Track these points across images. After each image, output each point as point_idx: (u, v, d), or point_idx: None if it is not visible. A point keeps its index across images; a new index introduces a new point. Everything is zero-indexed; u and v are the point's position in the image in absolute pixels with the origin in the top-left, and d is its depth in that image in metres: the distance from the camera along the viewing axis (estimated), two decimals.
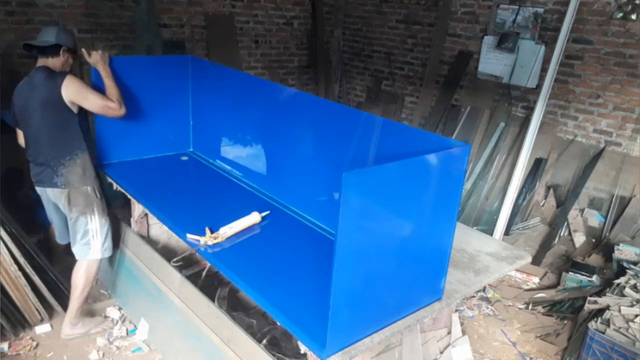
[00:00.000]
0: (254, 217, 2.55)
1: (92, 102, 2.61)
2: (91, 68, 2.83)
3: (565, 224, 4.16)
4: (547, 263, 3.95)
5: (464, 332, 2.90)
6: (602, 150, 4.15)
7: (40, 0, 4.13)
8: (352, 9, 6.07)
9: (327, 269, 1.67)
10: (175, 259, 2.61)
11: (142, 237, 3.09)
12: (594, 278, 3.53)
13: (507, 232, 4.23)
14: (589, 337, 2.74)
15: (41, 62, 2.63)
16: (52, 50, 2.62)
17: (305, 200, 2.72)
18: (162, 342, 2.72)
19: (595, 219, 4.11)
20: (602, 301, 3.01)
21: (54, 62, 2.64)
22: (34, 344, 2.79)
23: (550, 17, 4.33)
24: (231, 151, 3.25)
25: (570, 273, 3.61)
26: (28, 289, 2.80)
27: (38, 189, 2.77)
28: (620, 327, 2.74)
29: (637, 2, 3.78)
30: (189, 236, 2.39)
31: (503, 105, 4.69)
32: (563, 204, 4.26)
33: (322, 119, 2.60)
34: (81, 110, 2.67)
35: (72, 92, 2.57)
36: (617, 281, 3.20)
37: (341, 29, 6.24)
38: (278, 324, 2.00)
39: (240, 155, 3.17)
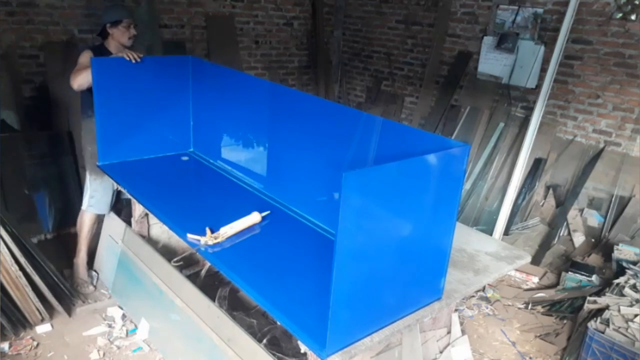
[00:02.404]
0: (254, 217, 2.56)
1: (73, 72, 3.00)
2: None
3: (565, 223, 4.17)
4: (546, 263, 3.96)
5: (463, 332, 2.91)
6: (602, 150, 4.16)
7: (41, 0, 4.14)
8: (352, 10, 6.08)
9: (327, 269, 1.68)
10: (175, 259, 2.62)
11: (142, 237, 3.09)
12: (594, 278, 3.54)
13: (506, 232, 4.23)
14: (589, 337, 2.75)
15: None
16: (103, 34, 3.15)
17: (305, 200, 2.72)
18: (163, 342, 2.72)
19: (594, 219, 4.12)
20: (602, 301, 3.02)
21: (111, 43, 3.15)
22: (35, 343, 2.80)
23: (549, 18, 4.34)
24: (231, 151, 3.26)
25: (569, 273, 3.61)
26: (29, 289, 2.80)
27: None
28: (619, 327, 2.75)
29: (637, 2, 3.79)
30: (190, 236, 2.39)
31: (502, 106, 4.70)
32: (562, 204, 4.27)
33: (322, 119, 2.60)
34: None
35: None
36: (616, 281, 3.20)
37: (341, 30, 6.25)
38: (278, 323, 2.01)
39: (241, 155, 3.18)
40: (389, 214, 1.76)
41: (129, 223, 3.19)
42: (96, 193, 3.19)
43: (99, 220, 3.32)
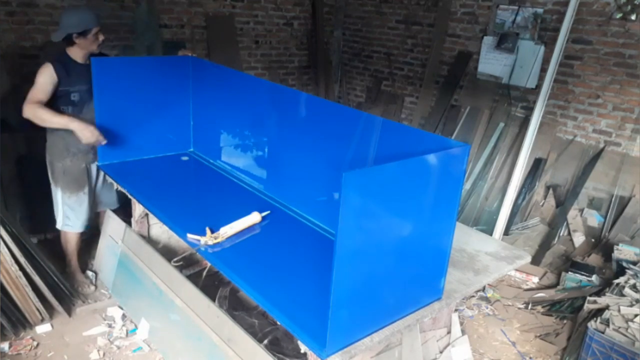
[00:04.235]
0: (254, 217, 2.56)
1: (29, 95, 2.83)
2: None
3: (565, 223, 4.17)
4: (546, 263, 3.96)
5: (463, 332, 2.91)
6: (602, 150, 4.16)
7: (41, 0, 4.13)
8: (352, 10, 6.08)
9: (327, 269, 1.68)
10: (175, 259, 2.62)
11: (142, 237, 3.09)
12: (594, 278, 3.54)
13: (506, 232, 4.23)
14: (589, 337, 2.75)
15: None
16: (66, 40, 2.84)
17: (305, 200, 2.72)
18: (163, 342, 2.72)
19: (594, 219, 4.12)
20: (602, 301, 3.02)
21: (74, 51, 2.89)
22: (35, 343, 2.80)
23: (549, 18, 4.34)
24: (231, 151, 3.26)
25: (569, 273, 3.61)
26: (29, 289, 2.80)
27: None
28: (619, 327, 2.75)
29: (637, 2, 3.78)
30: (190, 236, 2.39)
31: (502, 106, 4.70)
32: (562, 204, 4.27)
33: (322, 119, 2.60)
34: (60, 97, 2.89)
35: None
36: (616, 281, 3.20)
37: (341, 30, 6.24)
38: (279, 324, 2.01)
39: (241, 155, 3.18)
40: (389, 214, 1.76)
41: (129, 223, 3.19)
42: (71, 212, 3.09)
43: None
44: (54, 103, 2.89)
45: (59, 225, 3.15)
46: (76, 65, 2.93)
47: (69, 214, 3.11)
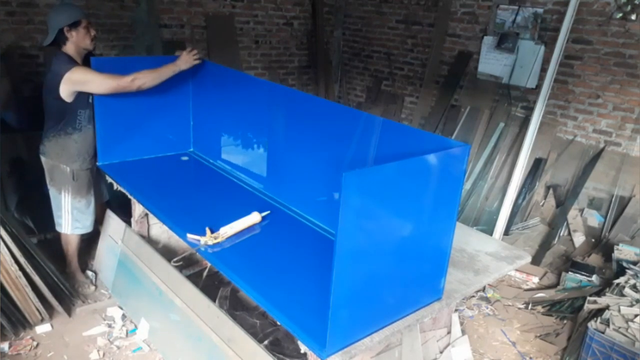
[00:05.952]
0: (254, 217, 2.56)
1: (99, 84, 2.77)
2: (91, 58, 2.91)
3: (565, 223, 4.17)
4: (546, 263, 3.96)
5: (463, 332, 2.91)
6: (602, 150, 4.16)
7: (41, 0, 4.13)
8: (352, 10, 6.08)
9: (327, 269, 1.68)
10: (175, 259, 2.62)
11: (142, 237, 3.09)
12: (594, 278, 3.54)
13: (506, 232, 4.23)
14: (589, 337, 2.75)
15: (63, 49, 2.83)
16: (59, 39, 2.79)
17: (305, 200, 2.72)
18: (163, 342, 2.72)
19: (594, 219, 4.12)
20: (602, 301, 3.02)
21: (69, 48, 2.82)
22: (35, 343, 2.80)
23: (549, 18, 4.33)
24: (231, 151, 3.26)
25: (569, 273, 3.61)
26: (28, 289, 2.80)
27: None
28: (619, 327, 2.75)
29: (637, 2, 3.78)
30: (189, 236, 2.39)
31: (503, 106, 4.70)
32: (563, 204, 4.27)
33: (322, 119, 2.60)
34: (80, 100, 2.86)
35: (71, 85, 2.76)
36: (616, 281, 3.20)
37: (341, 30, 6.24)
38: (280, 325, 2.00)
39: (241, 155, 3.18)
40: (389, 214, 1.76)
41: (129, 223, 3.19)
42: (81, 215, 3.09)
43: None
44: (72, 107, 2.86)
45: (67, 230, 3.11)
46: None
47: (78, 217, 3.09)
